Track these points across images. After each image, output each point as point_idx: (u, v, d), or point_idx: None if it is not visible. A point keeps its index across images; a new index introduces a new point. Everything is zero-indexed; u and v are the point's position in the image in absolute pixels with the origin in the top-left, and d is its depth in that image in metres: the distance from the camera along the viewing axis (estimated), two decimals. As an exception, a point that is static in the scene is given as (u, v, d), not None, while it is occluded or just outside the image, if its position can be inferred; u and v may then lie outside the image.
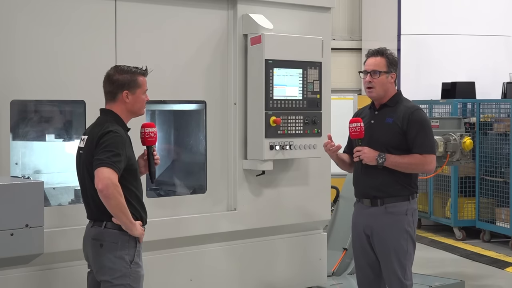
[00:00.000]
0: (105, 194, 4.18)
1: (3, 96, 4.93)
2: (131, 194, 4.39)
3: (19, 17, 4.99)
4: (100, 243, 4.35)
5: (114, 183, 4.18)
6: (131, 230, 4.32)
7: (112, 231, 4.34)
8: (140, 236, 4.38)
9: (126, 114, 4.50)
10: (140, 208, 4.47)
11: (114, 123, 4.40)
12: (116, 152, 4.25)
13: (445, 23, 12.10)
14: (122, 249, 4.34)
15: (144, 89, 4.52)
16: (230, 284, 6.05)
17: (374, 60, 5.08)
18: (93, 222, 4.44)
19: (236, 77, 6.01)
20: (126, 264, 4.34)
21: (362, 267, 5.16)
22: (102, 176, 4.18)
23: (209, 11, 5.92)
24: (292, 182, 6.33)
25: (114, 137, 4.29)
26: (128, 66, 4.50)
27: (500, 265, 8.79)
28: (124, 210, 4.26)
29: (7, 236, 4.24)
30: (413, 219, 5.05)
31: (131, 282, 4.36)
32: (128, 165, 4.35)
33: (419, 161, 4.96)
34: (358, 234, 5.15)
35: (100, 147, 4.27)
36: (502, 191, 9.80)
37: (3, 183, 4.31)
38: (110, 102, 4.49)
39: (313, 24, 6.41)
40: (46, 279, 5.12)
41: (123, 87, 4.43)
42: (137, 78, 4.47)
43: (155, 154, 4.70)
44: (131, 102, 4.46)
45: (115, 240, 4.33)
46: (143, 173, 4.70)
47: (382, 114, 5.08)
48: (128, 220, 4.29)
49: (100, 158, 4.23)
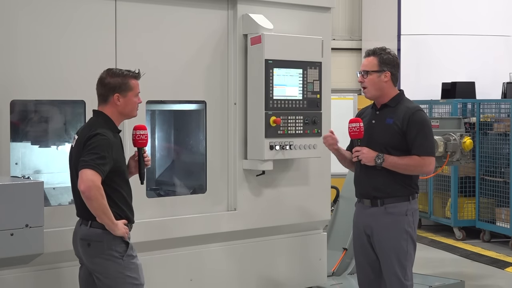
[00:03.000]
0: (87, 195, 4.26)
1: (3, 96, 4.93)
2: (118, 195, 4.47)
3: (20, 17, 4.99)
4: (88, 242, 4.45)
5: (96, 185, 4.26)
6: (113, 230, 4.40)
7: (97, 230, 4.42)
8: (123, 235, 4.45)
9: (117, 116, 4.58)
10: (127, 209, 4.55)
11: (103, 125, 4.48)
12: (101, 155, 4.32)
13: (445, 23, 12.10)
14: (108, 247, 4.42)
15: (136, 91, 4.59)
16: (230, 284, 6.05)
17: (367, 60, 5.08)
18: (81, 220, 4.53)
19: (236, 77, 6.01)
20: (117, 259, 4.42)
21: (363, 267, 5.16)
22: (85, 178, 4.25)
23: (209, 11, 5.92)
24: (292, 182, 6.33)
25: (101, 140, 4.37)
26: (121, 70, 4.58)
27: (500, 265, 8.79)
28: (106, 211, 4.34)
29: (7, 236, 4.24)
30: (413, 219, 5.04)
31: (129, 273, 4.45)
32: (115, 167, 4.43)
33: (418, 163, 4.94)
34: (358, 234, 5.15)
35: (87, 149, 4.35)
36: (502, 191, 9.80)
37: (3, 183, 4.31)
38: (102, 104, 4.58)
39: (313, 24, 6.41)
40: (46, 279, 5.12)
41: (114, 90, 4.51)
42: (128, 81, 4.55)
43: (146, 156, 4.75)
44: (122, 104, 4.54)
45: (100, 239, 4.42)
46: (133, 174, 4.78)
47: (383, 114, 5.07)
48: (110, 221, 4.37)
49: (85, 159, 4.31)
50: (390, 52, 5.10)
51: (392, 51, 5.15)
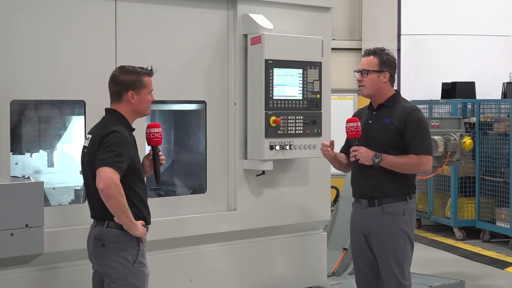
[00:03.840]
0: (106, 193, 4.18)
1: (3, 96, 4.93)
2: (134, 194, 4.39)
3: (20, 17, 4.99)
4: (102, 242, 4.36)
5: (115, 183, 4.18)
6: (132, 230, 4.32)
7: (114, 231, 4.34)
8: (141, 236, 4.38)
9: (131, 114, 4.50)
10: (144, 208, 4.47)
11: (118, 123, 4.40)
12: (118, 152, 4.25)
13: (445, 23, 12.09)
14: (124, 249, 4.34)
15: (150, 89, 4.52)
16: (230, 284, 6.05)
17: (366, 60, 5.10)
18: (96, 221, 4.44)
19: (236, 77, 6.01)
20: (129, 263, 4.34)
21: (361, 268, 5.17)
22: (103, 176, 4.18)
23: (209, 11, 5.92)
24: (292, 182, 6.33)
25: (117, 137, 4.29)
26: (134, 67, 4.49)
27: (500, 265, 8.79)
28: (125, 210, 4.25)
29: (7, 236, 4.24)
30: (410, 219, 5.04)
31: (135, 281, 4.37)
32: (131, 166, 4.35)
33: (415, 162, 4.96)
34: (356, 234, 5.15)
35: (103, 147, 4.27)
36: (502, 191, 9.80)
37: (3, 183, 4.31)
38: (115, 102, 4.49)
39: (313, 24, 6.41)
40: (46, 279, 5.11)
41: (128, 87, 4.43)
42: (142, 78, 4.48)
43: (160, 155, 4.69)
44: (137, 102, 4.46)
45: (117, 240, 4.33)
46: (148, 173, 4.70)
47: (380, 114, 5.08)
48: (129, 220, 4.29)
49: (102, 158, 4.23)
50: (389, 53, 5.14)
51: (391, 52, 5.18)
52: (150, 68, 4.54)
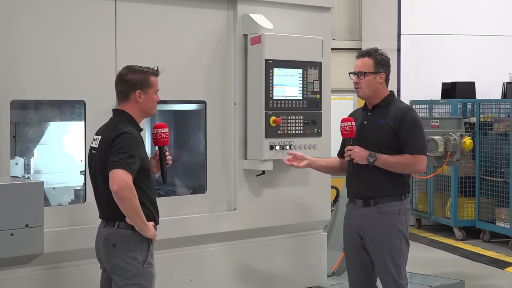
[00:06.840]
0: (119, 195, 4.19)
1: (3, 96, 4.93)
2: (144, 194, 4.39)
3: (20, 17, 4.99)
4: (113, 243, 4.36)
5: (128, 185, 4.19)
6: (145, 231, 4.34)
7: (125, 232, 4.34)
8: (153, 237, 4.40)
9: (139, 114, 4.50)
10: (153, 209, 4.48)
11: (128, 124, 4.40)
12: (130, 154, 4.25)
13: (445, 23, 12.09)
14: (135, 249, 4.35)
15: (156, 89, 4.53)
16: (230, 284, 6.05)
17: (361, 61, 5.11)
18: (105, 222, 4.44)
19: (236, 77, 6.02)
20: (139, 264, 4.36)
21: (355, 269, 5.15)
22: (116, 178, 4.18)
23: (209, 11, 5.92)
24: (292, 182, 6.33)
25: (128, 139, 4.29)
26: (140, 66, 4.50)
27: (500, 265, 8.79)
28: (138, 211, 4.27)
29: (7, 236, 4.24)
30: (406, 218, 5.05)
31: (143, 282, 4.38)
32: (142, 166, 4.35)
33: (410, 161, 4.96)
34: (350, 235, 5.14)
35: (114, 148, 4.27)
36: (502, 191, 9.80)
37: (3, 183, 4.32)
38: (122, 102, 4.49)
39: (313, 24, 6.41)
40: (46, 279, 5.11)
41: (135, 86, 4.44)
42: (149, 77, 4.49)
43: (167, 155, 4.71)
44: (144, 102, 4.47)
45: (128, 241, 4.34)
46: (154, 173, 4.71)
47: (375, 115, 5.09)
48: (141, 222, 4.30)
49: (115, 159, 4.22)
50: (383, 53, 5.16)
51: (385, 52, 5.18)
52: (156, 68, 4.55)
